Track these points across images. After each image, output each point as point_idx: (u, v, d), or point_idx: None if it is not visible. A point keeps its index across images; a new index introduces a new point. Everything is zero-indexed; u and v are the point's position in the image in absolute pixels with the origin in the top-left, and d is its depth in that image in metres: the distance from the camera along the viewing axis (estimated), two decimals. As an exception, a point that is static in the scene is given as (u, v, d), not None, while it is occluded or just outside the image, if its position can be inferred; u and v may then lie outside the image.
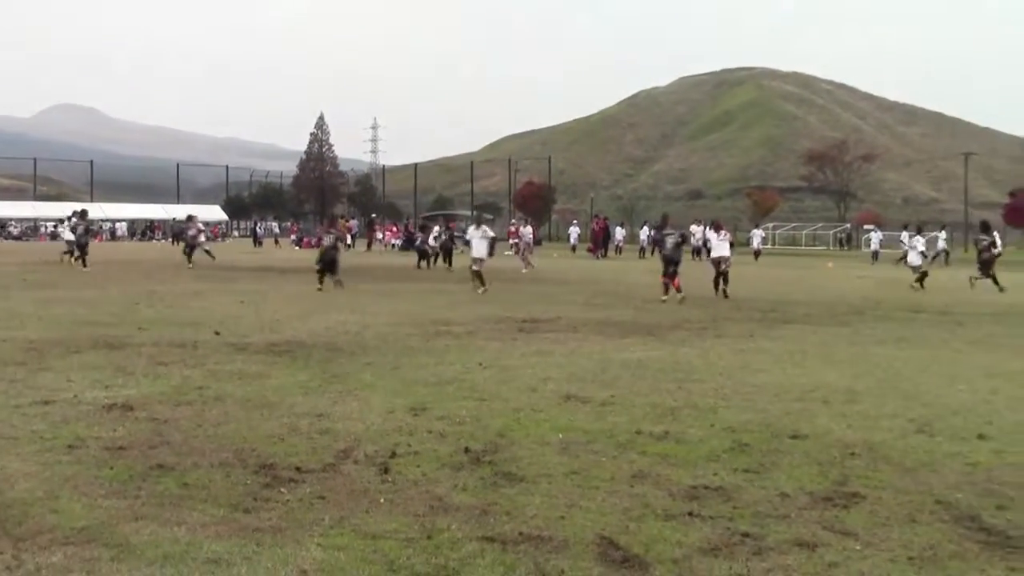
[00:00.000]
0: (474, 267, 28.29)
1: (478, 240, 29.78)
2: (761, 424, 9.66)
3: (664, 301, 24.70)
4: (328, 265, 28.70)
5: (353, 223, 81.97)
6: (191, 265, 39.33)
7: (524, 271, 39.71)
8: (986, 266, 31.80)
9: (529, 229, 49.30)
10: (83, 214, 42.46)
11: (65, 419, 9.50)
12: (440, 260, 42.86)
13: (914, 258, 33.60)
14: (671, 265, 25.58)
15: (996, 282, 30.88)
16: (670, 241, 26.27)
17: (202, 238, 44.65)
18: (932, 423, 9.83)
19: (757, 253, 59.16)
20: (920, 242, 34.40)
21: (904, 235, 49.58)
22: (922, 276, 31.65)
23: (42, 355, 13.69)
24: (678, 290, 25.04)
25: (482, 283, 27.57)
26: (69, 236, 41.92)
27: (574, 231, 70.27)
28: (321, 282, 27.69)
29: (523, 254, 43.79)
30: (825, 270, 45.66)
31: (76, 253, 39.20)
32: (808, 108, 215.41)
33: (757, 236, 64.50)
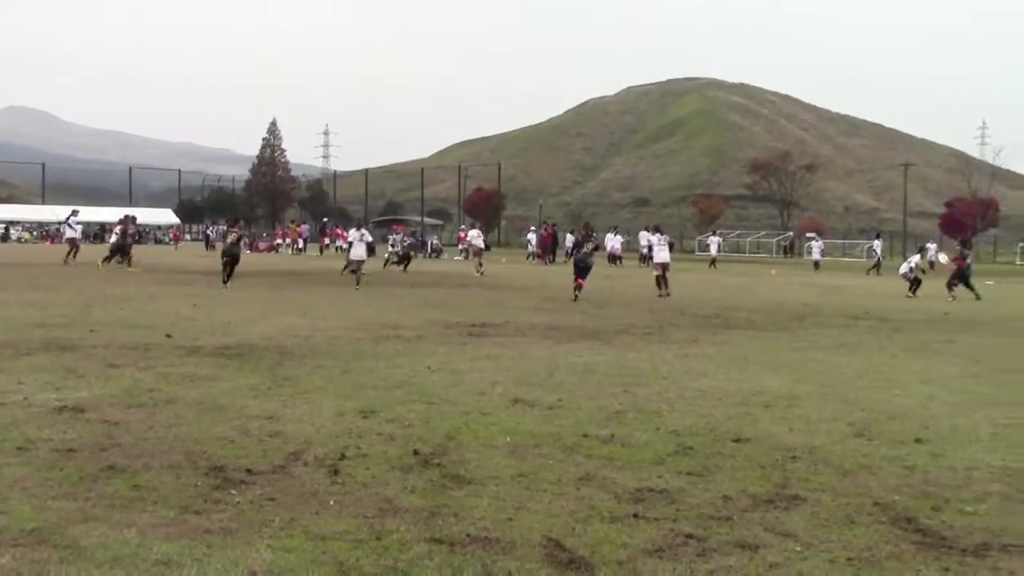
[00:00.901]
0: (351, 268, 32.85)
1: (358, 242, 33.29)
2: (705, 428, 9.71)
3: (576, 300, 26.52)
4: (232, 261, 30.42)
5: (304, 228, 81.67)
6: (131, 268, 39.35)
7: (477, 275, 39.90)
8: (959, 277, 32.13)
9: (476, 232, 49.20)
10: (133, 219, 45.83)
11: (15, 421, 9.40)
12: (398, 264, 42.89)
13: (905, 269, 33.91)
14: (583, 270, 27.88)
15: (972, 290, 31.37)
16: (586, 248, 28.85)
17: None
18: (870, 427, 9.91)
19: (713, 261, 58.52)
20: (914, 260, 34.61)
21: (876, 244, 50.00)
22: (914, 286, 32.16)
23: (-8, 357, 13.57)
24: (578, 289, 27.28)
25: (357, 282, 31.30)
26: (71, 234, 43.29)
27: (533, 236, 68.62)
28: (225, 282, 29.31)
29: (473, 258, 43.94)
30: (768, 277, 45.95)
31: (117, 256, 41.11)
32: (753, 119, 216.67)
33: (714, 243, 64.17)
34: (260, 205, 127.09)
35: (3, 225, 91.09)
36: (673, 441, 9.06)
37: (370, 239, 36.42)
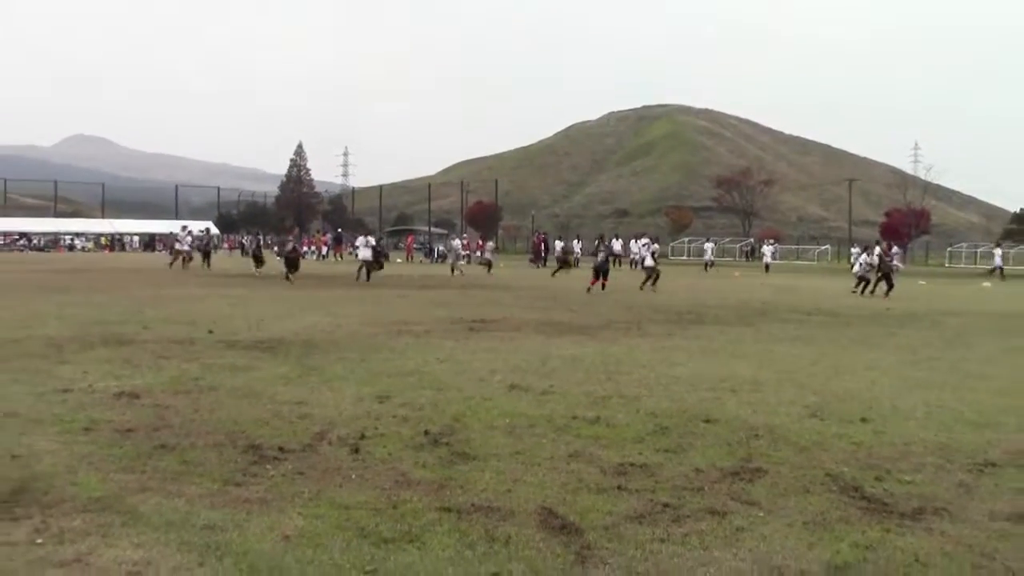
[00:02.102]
0: (360, 267, 36.52)
1: (364, 247, 38.12)
2: (678, 410, 9.71)
3: (589, 291, 28.66)
4: (290, 263, 34.64)
5: (326, 237, 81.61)
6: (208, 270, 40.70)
7: (457, 275, 41.49)
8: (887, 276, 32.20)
9: (458, 242, 49.75)
10: (207, 231, 51.45)
11: (81, 405, 9.43)
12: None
13: (859, 269, 33.91)
14: (600, 273, 30.60)
15: (873, 289, 31.44)
16: (600, 256, 32.28)
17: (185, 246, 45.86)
18: (823, 409, 9.93)
19: (710, 264, 58.03)
20: (864, 258, 34.51)
21: (854, 250, 49.99)
22: (862, 284, 32.18)
23: (61, 350, 13.56)
24: (602, 287, 29.34)
25: (358, 276, 35.93)
26: (180, 246, 46.59)
27: (557, 244, 66.73)
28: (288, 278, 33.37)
29: (454, 263, 44.44)
30: (732, 279, 45.93)
31: (198, 258, 44.87)
32: (717, 140, 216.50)
33: (709, 248, 62.69)
34: (288, 217, 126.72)
35: (70, 236, 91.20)
36: (651, 422, 9.06)
37: (374, 244, 39.50)
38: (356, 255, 40.68)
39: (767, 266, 57.82)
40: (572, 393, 10.64)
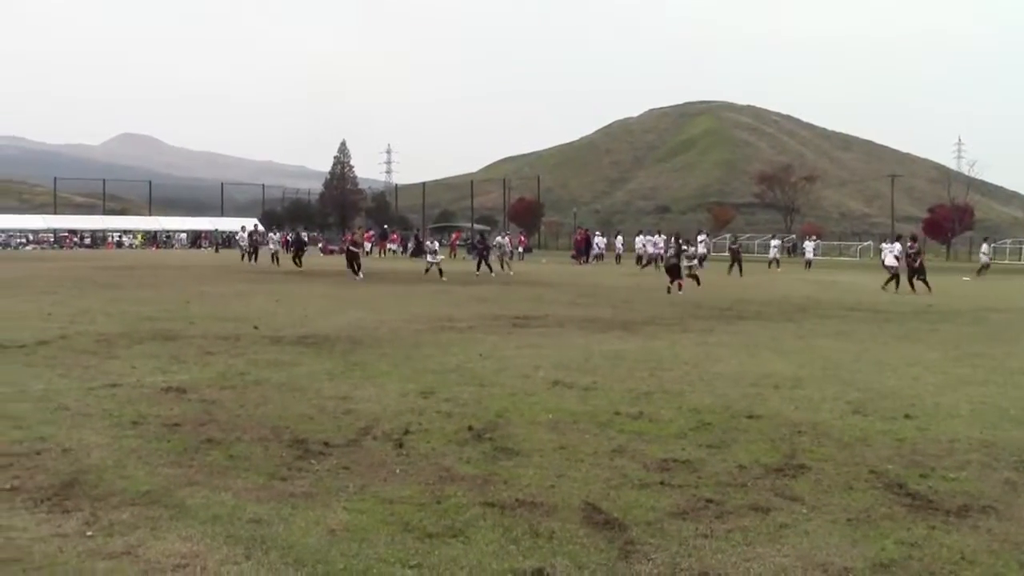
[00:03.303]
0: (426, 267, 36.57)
1: (430, 254, 37.81)
2: (721, 406, 9.66)
3: (669, 292, 27.83)
4: (351, 257, 35.59)
5: (371, 233, 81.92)
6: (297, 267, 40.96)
7: (509, 273, 40.49)
8: (918, 271, 31.71)
9: (507, 239, 49.29)
10: (256, 227, 53.95)
11: (130, 400, 9.51)
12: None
13: (890, 261, 33.55)
14: (673, 272, 29.14)
15: (912, 285, 31.05)
16: (670, 252, 30.85)
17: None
18: (866, 405, 9.84)
19: (775, 262, 55.41)
20: (895, 248, 34.08)
21: (884, 244, 49.28)
22: (893, 278, 31.68)
23: (110, 345, 13.70)
24: (679, 288, 28.15)
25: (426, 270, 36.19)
26: (246, 244, 46.20)
27: (601, 241, 64.59)
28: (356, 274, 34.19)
29: (502, 259, 43.88)
30: (774, 274, 45.62)
31: (258, 254, 46.57)
32: (759, 136, 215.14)
33: (775, 245, 59.07)
34: (332, 214, 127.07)
35: (118, 234, 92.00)
36: (694, 418, 9.03)
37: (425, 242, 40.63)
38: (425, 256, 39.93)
39: (809, 262, 56.81)
40: (615, 389, 10.62)
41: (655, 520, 5.87)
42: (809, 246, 59.82)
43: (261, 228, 56.41)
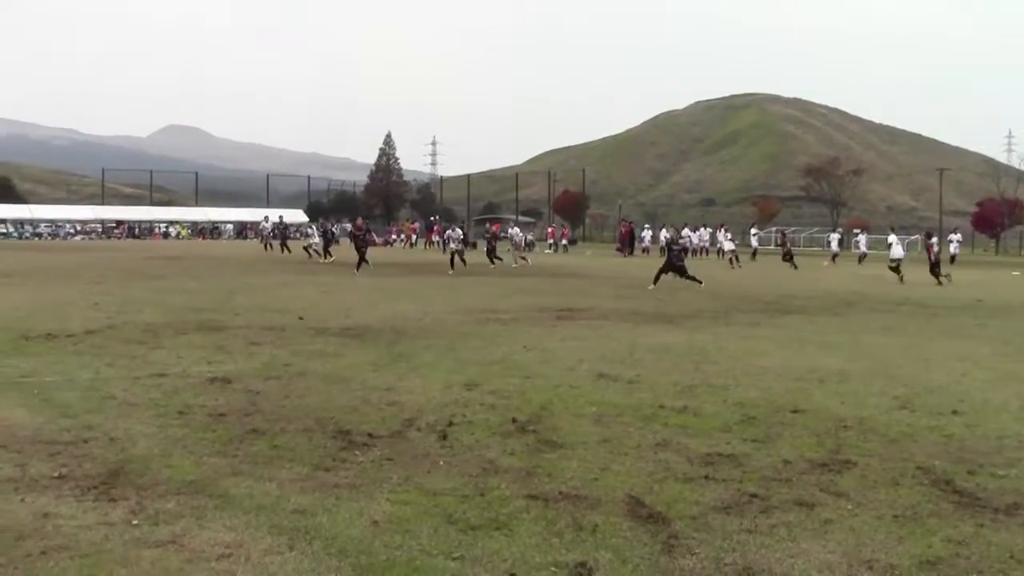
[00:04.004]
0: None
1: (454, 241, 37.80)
2: (766, 400, 9.60)
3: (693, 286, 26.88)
4: (458, 253, 36.39)
5: (415, 225, 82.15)
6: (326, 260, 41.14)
7: (515, 265, 40.29)
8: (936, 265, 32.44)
9: (517, 230, 49.31)
10: (281, 218, 54.22)
11: (176, 389, 9.60)
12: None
13: (897, 251, 33.66)
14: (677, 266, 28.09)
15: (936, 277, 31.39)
16: (676, 248, 29.07)
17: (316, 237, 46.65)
18: (912, 400, 9.73)
19: (836, 256, 54.45)
20: (895, 239, 34.43)
21: (891, 237, 48.69)
22: (895, 267, 31.96)
23: (157, 336, 13.82)
24: (694, 279, 27.10)
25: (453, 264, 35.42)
26: (315, 239, 47.18)
27: (647, 234, 64.32)
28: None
29: (514, 251, 43.74)
30: (820, 268, 45.25)
31: (319, 249, 44.57)
32: (805, 129, 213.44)
33: (835, 239, 58.52)
34: (377, 206, 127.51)
35: (165, 224, 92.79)
36: (738, 412, 8.97)
37: (461, 235, 39.52)
38: (448, 246, 40.24)
39: (863, 256, 54.88)
40: (659, 382, 10.57)
41: (699, 514, 5.84)
42: (863, 239, 58.42)
43: (286, 219, 56.65)
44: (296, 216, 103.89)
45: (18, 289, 22.42)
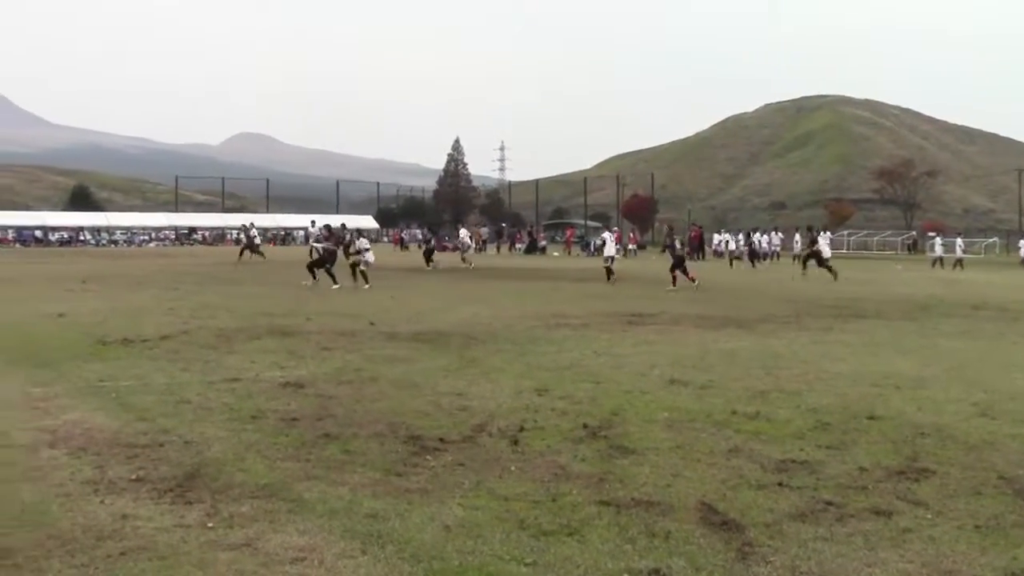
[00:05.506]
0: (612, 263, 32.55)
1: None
2: (840, 406, 9.48)
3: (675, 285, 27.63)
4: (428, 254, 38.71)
5: (484, 231, 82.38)
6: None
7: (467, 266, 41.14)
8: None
9: (464, 231, 51.67)
10: (431, 229, 52.89)
11: (249, 394, 9.71)
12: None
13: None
14: (679, 263, 28.52)
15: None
16: (677, 246, 29.81)
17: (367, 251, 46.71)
18: (993, 407, 9.55)
19: (939, 260, 51.58)
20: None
21: (959, 241, 47.94)
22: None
23: (230, 341, 13.99)
24: (692, 280, 27.93)
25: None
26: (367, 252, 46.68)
27: (721, 238, 64.32)
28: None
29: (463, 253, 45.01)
30: (894, 272, 44.63)
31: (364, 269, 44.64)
32: (878, 130, 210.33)
33: (939, 243, 55.16)
34: (446, 211, 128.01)
35: (237, 231, 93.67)
36: (812, 418, 8.88)
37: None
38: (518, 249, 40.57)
39: (940, 259, 53.28)
40: (731, 387, 10.50)
41: (773, 522, 5.78)
42: (959, 242, 56.21)
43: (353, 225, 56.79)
44: (366, 222, 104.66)
45: (96, 296, 22.80)
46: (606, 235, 36.61)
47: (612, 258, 32.31)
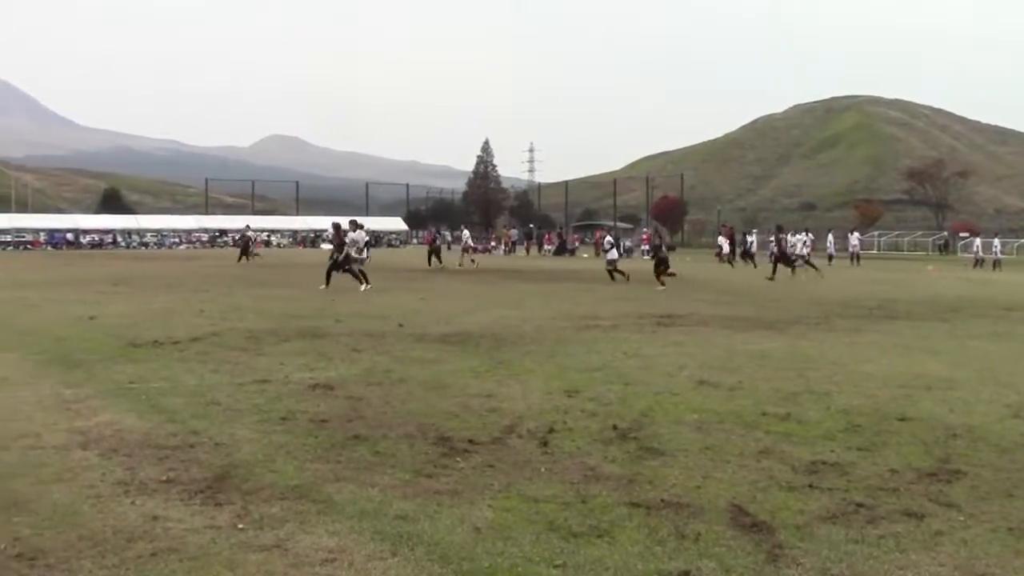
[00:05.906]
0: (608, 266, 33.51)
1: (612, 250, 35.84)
2: (871, 408, 9.43)
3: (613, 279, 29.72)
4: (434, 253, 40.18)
5: (513, 232, 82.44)
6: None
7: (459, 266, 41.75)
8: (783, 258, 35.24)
9: (466, 233, 51.45)
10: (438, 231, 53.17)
11: (279, 396, 9.74)
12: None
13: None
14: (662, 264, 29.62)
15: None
16: (663, 249, 31.60)
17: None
18: (1026, 409, 9.48)
19: (980, 261, 52.46)
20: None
21: (996, 241, 47.60)
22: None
23: (259, 342, 14.04)
24: (661, 283, 28.63)
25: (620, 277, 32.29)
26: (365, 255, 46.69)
27: (752, 239, 64.14)
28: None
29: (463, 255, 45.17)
30: (925, 273, 44.35)
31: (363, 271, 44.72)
32: (908, 130, 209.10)
33: (978, 243, 56.18)
34: (475, 213, 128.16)
35: (267, 233, 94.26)
36: (843, 419, 8.83)
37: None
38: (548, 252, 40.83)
39: (981, 260, 52.49)
40: (761, 389, 10.45)
41: (804, 524, 5.75)
42: (996, 243, 55.78)
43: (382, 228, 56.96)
44: (395, 224, 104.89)
45: (126, 298, 22.95)
46: (608, 239, 38.79)
47: (615, 261, 33.37)
